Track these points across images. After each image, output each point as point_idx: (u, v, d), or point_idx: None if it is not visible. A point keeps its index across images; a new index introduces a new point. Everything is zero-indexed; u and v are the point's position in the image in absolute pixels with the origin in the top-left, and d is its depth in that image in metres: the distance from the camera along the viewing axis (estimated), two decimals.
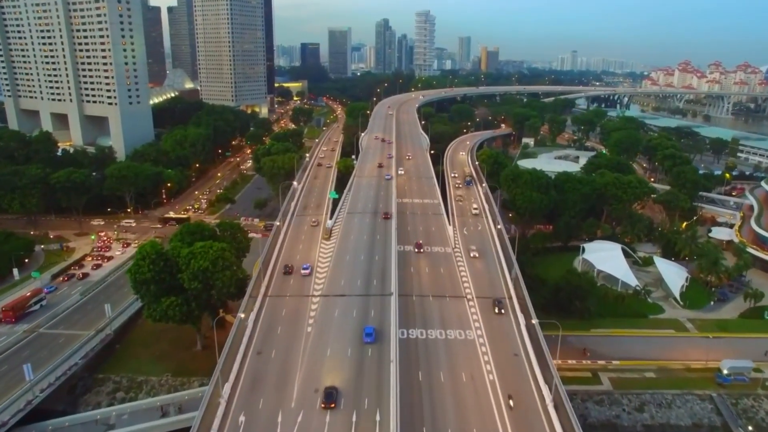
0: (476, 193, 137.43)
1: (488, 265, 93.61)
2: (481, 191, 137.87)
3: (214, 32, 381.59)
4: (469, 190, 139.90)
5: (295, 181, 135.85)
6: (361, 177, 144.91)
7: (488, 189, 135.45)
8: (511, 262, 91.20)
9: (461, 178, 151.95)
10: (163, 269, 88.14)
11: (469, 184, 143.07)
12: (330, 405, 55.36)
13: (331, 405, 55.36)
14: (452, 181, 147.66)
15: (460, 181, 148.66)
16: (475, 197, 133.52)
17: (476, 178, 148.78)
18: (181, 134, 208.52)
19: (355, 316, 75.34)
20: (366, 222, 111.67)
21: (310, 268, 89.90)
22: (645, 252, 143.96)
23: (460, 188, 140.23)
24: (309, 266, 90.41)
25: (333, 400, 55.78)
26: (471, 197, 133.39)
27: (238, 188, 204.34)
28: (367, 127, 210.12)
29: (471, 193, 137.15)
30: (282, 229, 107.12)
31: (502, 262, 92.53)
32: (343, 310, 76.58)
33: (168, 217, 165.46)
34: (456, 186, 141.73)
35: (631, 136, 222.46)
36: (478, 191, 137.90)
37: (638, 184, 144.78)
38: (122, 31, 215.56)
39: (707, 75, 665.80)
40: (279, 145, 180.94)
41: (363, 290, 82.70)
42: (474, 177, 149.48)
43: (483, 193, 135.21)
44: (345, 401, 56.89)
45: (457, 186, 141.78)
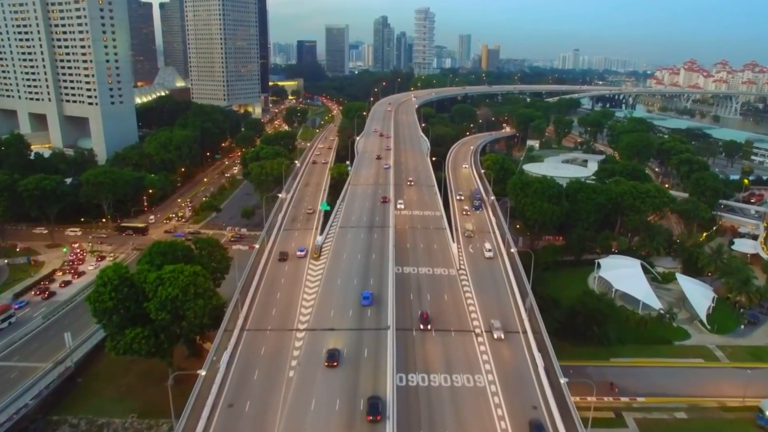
0: (488, 221, 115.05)
1: (498, 292, 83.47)
2: (492, 215, 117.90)
3: (205, 28, 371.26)
4: (480, 216, 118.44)
5: (283, 191, 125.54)
6: (356, 185, 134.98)
7: (496, 203, 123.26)
8: (524, 289, 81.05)
9: (467, 195, 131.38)
10: (127, 296, 78.11)
11: (479, 209, 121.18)
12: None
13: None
14: (458, 204, 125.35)
15: (467, 201, 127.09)
16: (486, 224, 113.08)
17: (486, 199, 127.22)
18: (166, 136, 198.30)
19: (346, 355, 65.35)
20: (360, 238, 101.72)
21: (305, 251, 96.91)
22: (664, 267, 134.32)
23: (468, 214, 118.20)
24: (305, 248, 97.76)
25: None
26: (482, 225, 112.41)
27: (226, 194, 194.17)
28: (364, 130, 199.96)
29: (482, 221, 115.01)
30: (266, 247, 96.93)
31: (515, 288, 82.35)
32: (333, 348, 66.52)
33: (125, 225, 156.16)
34: (463, 212, 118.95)
35: (643, 139, 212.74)
36: (490, 220, 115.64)
37: (657, 194, 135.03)
38: (103, 26, 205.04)
39: (714, 74, 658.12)
40: (269, 149, 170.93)
41: (356, 322, 72.73)
42: (483, 198, 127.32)
43: (493, 213, 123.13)
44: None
45: (465, 213, 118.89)
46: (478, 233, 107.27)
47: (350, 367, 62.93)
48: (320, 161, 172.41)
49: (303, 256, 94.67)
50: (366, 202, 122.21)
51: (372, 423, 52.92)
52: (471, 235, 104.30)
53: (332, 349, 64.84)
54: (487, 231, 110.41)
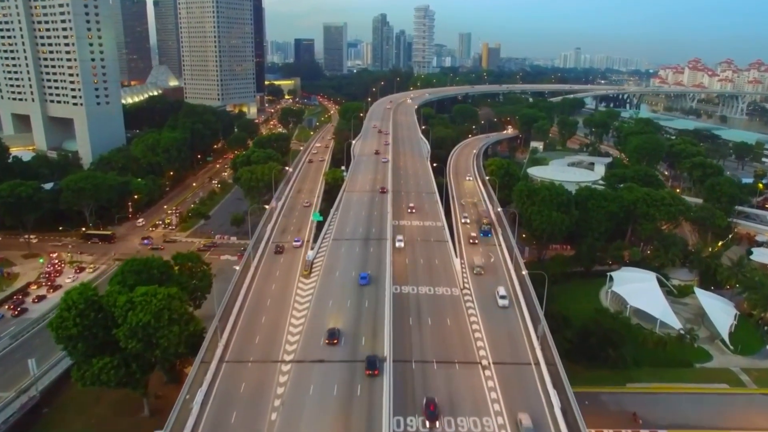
0: (501, 255, 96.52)
1: (508, 317, 76.02)
2: (502, 238, 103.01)
3: (198, 26, 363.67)
4: (490, 244, 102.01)
5: (273, 200, 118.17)
6: (352, 192, 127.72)
7: (503, 214, 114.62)
8: (536, 314, 73.72)
9: (473, 217, 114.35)
10: (94, 322, 70.77)
11: (488, 235, 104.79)
12: None
13: None
14: (462, 227, 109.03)
15: (473, 224, 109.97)
16: (498, 258, 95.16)
17: (495, 222, 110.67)
18: (154, 138, 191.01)
19: (336, 394, 58.12)
20: (356, 251, 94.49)
21: (301, 241, 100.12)
22: (680, 280, 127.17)
23: (476, 242, 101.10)
24: (300, 240, 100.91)
25: None
26: (493, 258, 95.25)
27: (216, 199, 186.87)
28: (361, 132, 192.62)
29: (493, 253, 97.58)
30: (252, 263, 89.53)
31: (525, 314, 74.96)
32: (321, 385, 59.33)
33: (90, 233, 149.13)
34: (470, 241, 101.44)
35: (652, 141, 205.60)
36: (503, 253, 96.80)
37: (672, 201, 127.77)
38: (88, 23, 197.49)
39: (719, 73, 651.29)
40: (260, 153, 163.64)
41: (348, 353, 65.45)
42: (493, 222, 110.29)
43: (498, 223, 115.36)
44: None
45: (471, 241, 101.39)
46: (489, 270, 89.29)
47: (341, 407, 55.74)
48: (317, 159, 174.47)
49: (299, 246, 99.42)
50: (362, 211, 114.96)
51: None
52: (481, 272, 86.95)
53: (322, 385, 57.82)
54: (500, 271, 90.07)
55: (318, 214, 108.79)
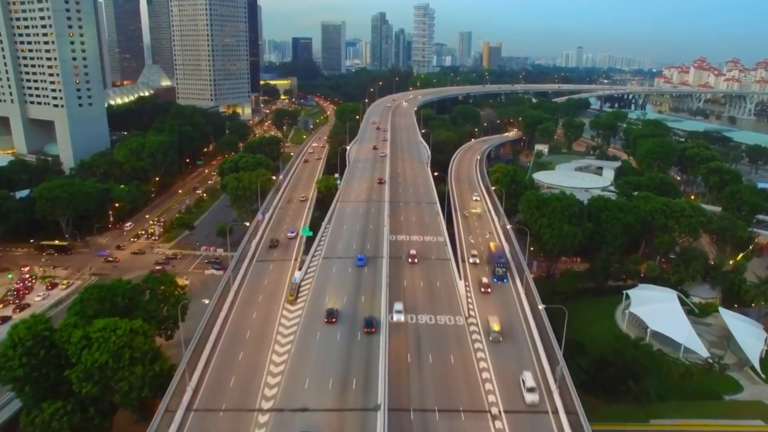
0: (522, 314, 75.52)
1: (518, 352, 67.29)
2: (520, 282, 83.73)
3: (191, 24, 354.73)
4: (506, 294, 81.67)
5: (259, 213, 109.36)
6: (346, 202, 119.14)
7: (511, 231, 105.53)
8: (553, 354, 64.96)
9: (483, 255, 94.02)
10: (45, 361, 62.17)
11: (503, 280, 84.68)
12: None
13: None
14: (472, 270, 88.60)
15: (483, 265, 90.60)
16: (518, 317, 74.60)
17: (510, 263, 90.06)
18: (138, 142, 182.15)
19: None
20: (348, 272, 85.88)
21: (295, 232, 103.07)
22: (701, 297, 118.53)
23: (489, 291, 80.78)
24: (295, 230, 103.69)
25: None
26: (511, 317, 74.67)
27: (204, 207, 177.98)
28: (357, 136, 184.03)
29: (512, 311, 76.64)
30: (232, 286, 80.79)
31: (540, 352, 66.18)
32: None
33: (45, 243, 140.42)
34: (481, 289, 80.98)
35: (664, 145, 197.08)
36: (524, 312, 75.72)
37: (692, 212, 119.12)
38: (69, 20, 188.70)
39: (725, 73, 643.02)
40: (249, 158, 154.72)
41: (336, 401, 56.96)
42: (508, 262, 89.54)
43: (505, 237, 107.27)
44: None
45: (483, 290, 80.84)
46: (508, 335, 69.15)
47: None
48: (313, 159, 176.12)
49: (293, 237, 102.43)
50: (356, 225, 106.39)
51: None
52: (499, 339, 67.68)
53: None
54: (522, 337, 69.10)
55: (307, 229, 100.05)
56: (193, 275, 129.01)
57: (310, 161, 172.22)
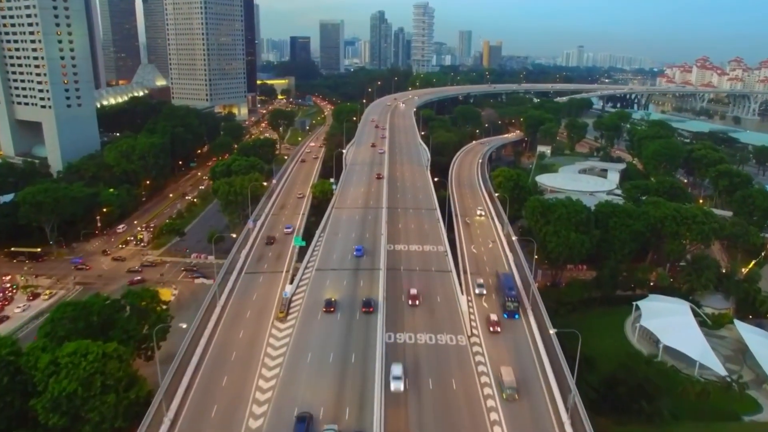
0: (538, 361, 64.84)
1: (529, 390, 61.82)
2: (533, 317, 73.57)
3: (186, 23, 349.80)
4: (518, 333, 70.58)
5: (249, 221, 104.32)
6: (342, 208, 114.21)
7: (516, 243, 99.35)
8: (565, 383, 59.95)
9: (489, 281, 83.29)
10: (9, 388, 57.20)
11: (515, 316, 73.48)
12: None
13: None
14: (479, 303, 77.66)
15: (490, 294, 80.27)
16: (533, 365, 64.23)
17: (520, 291, 79.60)
18: (128, 144, 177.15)
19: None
20: (342, 286, 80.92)
21: (292, 228, 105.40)
22: (713, 308, 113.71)
23: (499, 331, 69.58)
24: (291, 227, 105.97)
25: None
26: (527, 365, 64.46)
27: (196, 211, 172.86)
28: (354, 138, 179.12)
29: (527, 357, 65.83)
30: (218, 302, 75.79)
31: (551, 380, 61.09)
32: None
33: (16, 250, 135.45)
34: (490, 328, 69.86)
35: (671, 147, 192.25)
36: (539, 356, 65.59)
37: (704, 218, 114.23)
38: (56, 18, 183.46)
39: (728, 72, 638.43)
40: (242, 161, 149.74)
41: None
42: (520, 293, 78.08)
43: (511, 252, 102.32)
44: None
45: (492, 329, 69.69)
46: (524, 390, 59.07)
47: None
48: (310, 158, 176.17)
49: (290, 233, 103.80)
50: (352, 233, 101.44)
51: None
52: (514, 396, 57.55)
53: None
54: (538, 391, 59.23)
55: (300, 239, 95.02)
56: (182, 284, 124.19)
57: (307, 161, 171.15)
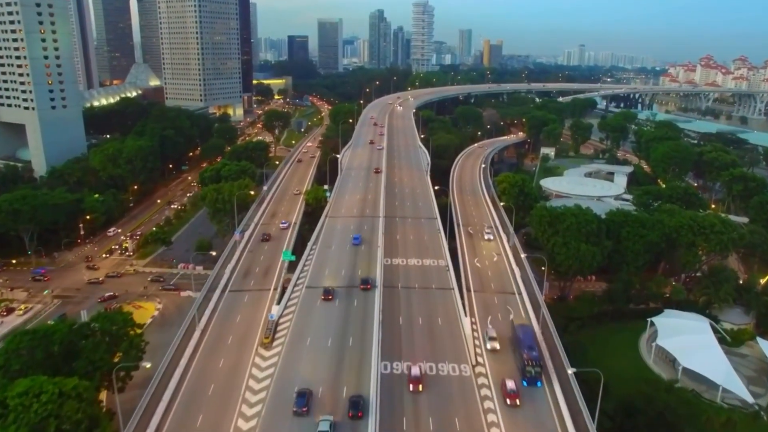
0: None
1: (538, 410, 55.83)
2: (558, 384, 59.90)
3: (179, 21, 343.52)
4: (537, 402, 57.24)
5: (236, 232, 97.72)
6: (336, 217, 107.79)
7: (527, 262, 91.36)
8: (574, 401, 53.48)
9: (503, 335, 68.67)
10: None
11: (536, 383, 59.23)
12: None
13: None
14: (493, 362, 63.60)
15: (505, 348, 66.16)
16: None
17: (541, 350, 64.89)
18: (115, 148, 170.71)
19: None
20: (334, 307, 74.42)
21: (288, 224, 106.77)
22: (732, 323, 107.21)
23: (517, 403, 55.95)
24: (287, 222, 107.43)
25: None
26: None
27: (186, 217, 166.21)
28: (351, 140, 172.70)
29: (543, 415, 55.25)
30: (197, 325, 69.25)
31: (563, 409, 54.73)
32: None
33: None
34: (508, 401, 55.98)
35: (680, 149, 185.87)
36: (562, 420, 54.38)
37: (723, 227, 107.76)
38: (39, 16, 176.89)
39: (733, 71, 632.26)
40: (232, 166, 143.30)
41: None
42: (543, 363, 62.06)
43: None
44: None
45: (510, 400, 55.99)
46: None
47: None
48: (307, 158, 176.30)
49: (285, 228, 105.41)
50: (346, 244, 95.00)
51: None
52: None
53: None
54: None
55: (289, 253, 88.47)
56: (166, 298, 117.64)
57: (304, 160, 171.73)
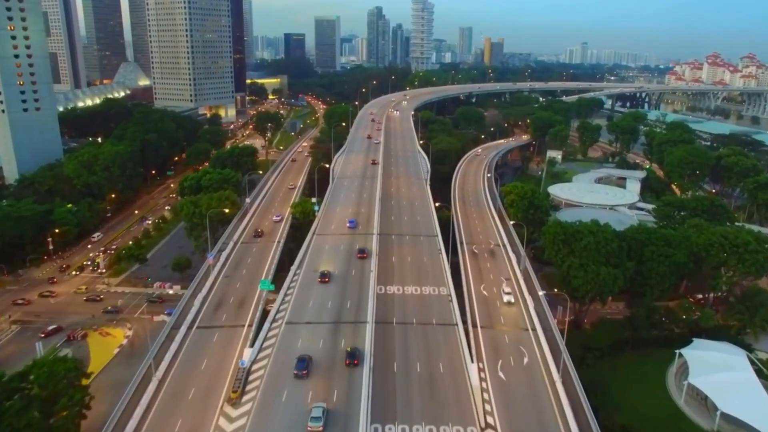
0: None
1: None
2: None
3: (168, 18, 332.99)
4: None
5: (208, 255, 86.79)
6: (325, 234, 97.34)
7: (541, 295, 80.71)
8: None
9: None
10: None
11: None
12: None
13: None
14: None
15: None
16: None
17: None
18: (91, 153, 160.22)
19: None
20: (318, 349, 63.93)
21: (281, 217, 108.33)
22: (765, 351, 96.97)
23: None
24: (281, 215, 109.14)
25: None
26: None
27: (168, 229, 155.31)
28: (345, 145, 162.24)
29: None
30: (154, 374, 58.76)
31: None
32: None
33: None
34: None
35: (698, 154, 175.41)
36: None
37: (758, 245, 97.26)
38: (9, 12, 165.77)
39: (741, 69, 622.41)
40: (214, 174, 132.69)
41: None
42: None
43: None
44: None
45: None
46: None
47: None
48: (302, 158, 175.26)
49: (279, 221, 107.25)
50: (335, 270, 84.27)
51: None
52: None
53: None
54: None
55: (267, 282, 77.68)
56: (137, 322, 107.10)
57: (298, 160, 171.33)
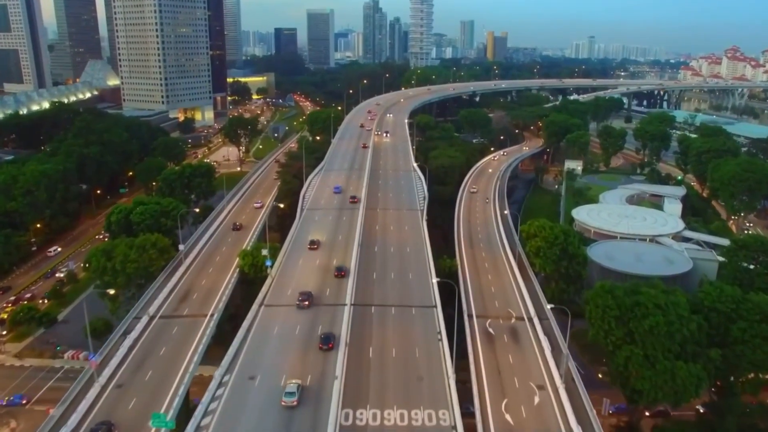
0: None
1: None
2: None
3: (136, 10, 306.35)
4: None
5: (92, 355, 54.28)
6: (277, 306, 70.01)
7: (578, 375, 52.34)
8: None
9: None
10: None
11: None
12: None
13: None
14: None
15: None
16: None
17: None
18: (8, 175, 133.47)
19: None
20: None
21: (261, 204, 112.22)
22: None
23: None
24: (261, 202, 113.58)
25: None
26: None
27: (90, 276, 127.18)
28: (325, 160, 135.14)
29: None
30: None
31: None
32: None
33: None
34: None
35: (754, 168, 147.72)
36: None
37: None
38: None
39: (763, 64, 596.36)
40: (151, 206, 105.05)
41: None
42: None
43: None
44: None
45: None
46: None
47: None
48: None
49: (259, 207, 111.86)
50: (280, 377, 56.95)
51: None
52: None
53: None
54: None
55: (163, 417, 50.06)
56: (26, 416, 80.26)
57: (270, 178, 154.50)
